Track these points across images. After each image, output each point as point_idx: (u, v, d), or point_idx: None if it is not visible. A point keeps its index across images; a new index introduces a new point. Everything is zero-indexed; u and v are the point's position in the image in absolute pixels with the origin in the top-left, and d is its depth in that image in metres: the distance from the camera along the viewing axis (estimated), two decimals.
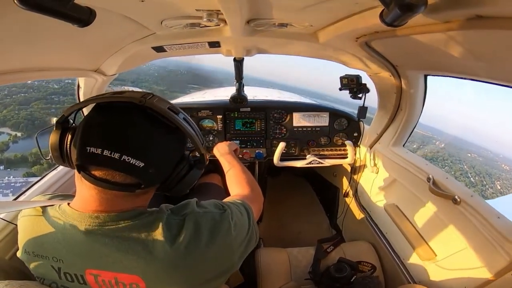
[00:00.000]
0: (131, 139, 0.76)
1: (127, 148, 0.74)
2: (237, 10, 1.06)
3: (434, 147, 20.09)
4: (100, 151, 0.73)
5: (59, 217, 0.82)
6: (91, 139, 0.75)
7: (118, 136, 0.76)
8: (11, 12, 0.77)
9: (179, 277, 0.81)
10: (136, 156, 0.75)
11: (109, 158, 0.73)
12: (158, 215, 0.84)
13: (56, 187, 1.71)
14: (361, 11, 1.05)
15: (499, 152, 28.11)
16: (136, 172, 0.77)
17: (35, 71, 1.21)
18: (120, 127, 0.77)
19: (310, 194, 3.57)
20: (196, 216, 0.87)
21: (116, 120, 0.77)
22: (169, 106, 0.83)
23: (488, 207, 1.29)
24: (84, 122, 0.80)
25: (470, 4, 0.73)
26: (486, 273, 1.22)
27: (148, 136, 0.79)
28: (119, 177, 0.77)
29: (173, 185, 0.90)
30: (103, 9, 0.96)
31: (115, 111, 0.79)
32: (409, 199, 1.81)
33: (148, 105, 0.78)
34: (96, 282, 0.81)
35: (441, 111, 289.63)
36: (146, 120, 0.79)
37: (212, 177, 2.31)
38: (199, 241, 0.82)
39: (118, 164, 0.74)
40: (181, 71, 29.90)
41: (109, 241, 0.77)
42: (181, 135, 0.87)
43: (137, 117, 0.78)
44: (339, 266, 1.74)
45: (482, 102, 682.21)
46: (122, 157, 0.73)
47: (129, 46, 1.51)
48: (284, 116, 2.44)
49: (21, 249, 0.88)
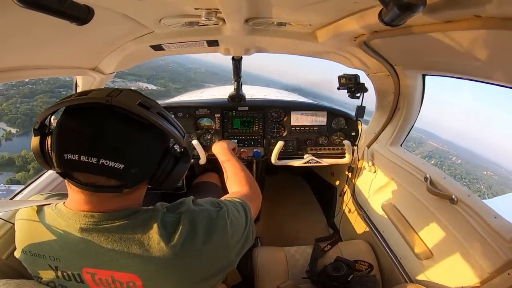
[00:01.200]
0: (105, 142, 0.73)
1: (103, 151, 0.72)
2: (236, 9, 1.06)
3: (451, 163, 20.04)
4: (77, 157, 0.71)
5: (55, 216, 0.82)
6: (66, 145, 0.73)
7: (92, 140, 0.72)
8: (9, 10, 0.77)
9: (175, 275, 0.81)
10: (114, 158, 0.72)
11: (88, 163, 0.71)
12: (153, 213, 0.84)
13: (53, 187, 1.71)
14: (360, 11, 1.06)
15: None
16: (118, 174, 0.75)
17: (33, 69, 1.21)
18: (92, 131, 0.73)
19: (308, 193, 3.58)
20: (192, 214, 0.87)
21: (86, 123, 0.73)
22: (140, 101, 0.77)
23: (485, 206, 1.30)
24: (57, 128, 0.76)
25: (469, 4, 0.74)
26: (482, 272, 1.23)
27: (122, 136, 0.75)
28: (102, 180, 0.75)
29: (161, 180, 0.87)
30: (102, 7, 0.96)
31: (85, 114, 0.75)
32: (407, 198, 1.82)
33: (115, 104, 0.73)
34: (93, 281, 0.81)
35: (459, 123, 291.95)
36: (117, 119, 0.75)
37: (210, 176, 2.31)
38: (195, 238, 0.82)
39: (98, 168, 0.72)
40: (200, 69, 29.54)
41: (104, 240, 0.78)
42: (158, 130, 0.81)
43: (107, 117, 0.74)
44: (336, 265, 1.74)
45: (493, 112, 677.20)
46: (100, 161, 0.71)
47: (127, 44, 1.51)
48: (282, 115, 2.44)
49: (18, 249, 0.88)
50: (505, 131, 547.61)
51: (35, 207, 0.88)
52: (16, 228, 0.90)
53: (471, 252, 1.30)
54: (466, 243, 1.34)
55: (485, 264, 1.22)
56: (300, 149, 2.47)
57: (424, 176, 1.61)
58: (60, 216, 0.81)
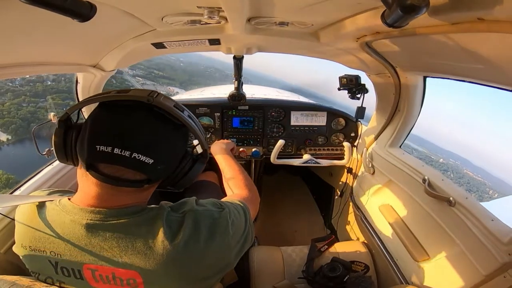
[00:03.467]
0: (141, 137, 0.78)
1: (137, 146, 0.76)
2: (239, 8, 1.06)
3: (488, 196, 19.78)
4: (110, 150, 0.74)
5: (59, 211, 0.82)
6: (101, 137, 0.76)
7: (128, 134, 0.77)
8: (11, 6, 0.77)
9: (176, 273, 0.81)
10: (146, 153, 0.77)
11: (120, 156, 0.74)
12: (158, 211, 0.85)
13: (52, 182, 1.70)
14: (363, 12, 1.06)
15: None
16: (146, 169, 0.79)
17: (34, 66, 1.21)
18: (129, 125, 0.78)
19: (306, 193, 3.59)
20: (196, 213, 0.88)
21: (124, 118, 0.79)
22: (174, 104, 0.85)
23: (482, 209, 1.30)
24: (91, 121, 0.81)
25: (472, 7, 0.73)
26: (478, 275, 1.23)
27: (156, 133, 0.81)
28: (129, 174, 0.78)
29: (178, 179, 0.93)
30: (104, 4, 0.96)
31: (123, 109, 0.79)
32: (404, 200, 1.82)
33: (156, 104, 0.79)
34: (93, 277, 0.82)
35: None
36: (154, 118, 0.81)
37: (208, 175, 2.31)
38: (198, 238, 0.83)
39: (129, 161, 0.76)
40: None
41: (110, 236, 0.78)
42: (185, 131, 0.90)
43: (145, 115, 0.80)
44: (332, 265, 1.75)
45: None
46: (133, 154, 0.75)
47: (128, 42, 1.51)
48: (281, 115, 2.45)
49: (17, 243, 0.88)
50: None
51: (37, 202, 0.88)
52: (16, 222, 0.90)
53: (467, 254, 1.31)
54: (462, 245, 1.34)
55: (481, 266, 1.23)
56: (299, 149, 2.48)
57: (423, 178, 1.61)
58: (64, 211, 0.81)
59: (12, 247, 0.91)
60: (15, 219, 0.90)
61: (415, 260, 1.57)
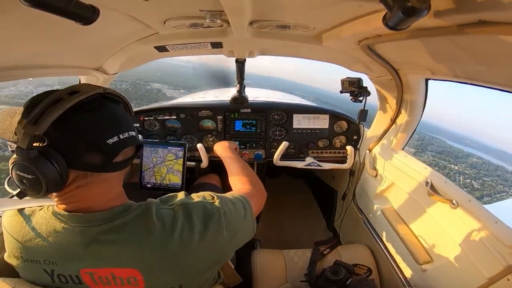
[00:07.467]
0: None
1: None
2: (241, 11, 1.07)
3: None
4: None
5: (49, 219, 0.81)
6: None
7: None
8: (14, 9, 0.77)
9: (174, 266, 0.82)
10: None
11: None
12: (147, 206, 0.86)
13: None
14: (364, 15, 1.06)
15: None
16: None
17: (37, 69, 1.21)
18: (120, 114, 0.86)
19: (308, 196, 3.57)
20: (187, 206, 0.89)
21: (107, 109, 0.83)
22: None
23: (485, 212, 1.29)
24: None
25: (474, 9, 0.73)
26: (482, 278, 1.22)
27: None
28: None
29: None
30: (107, 8, 0.96)
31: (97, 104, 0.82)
32: (407, 202, 1.82)
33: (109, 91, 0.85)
34: (93, 280, 0.81)
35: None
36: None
37: (210, 177, 2.31)
38: (192, 230, 0.84)
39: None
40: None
41: (104, 238, 0.78)
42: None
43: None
44: (335, 268, 1.73)
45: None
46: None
47: (131, 45, 1.52)
48: (284, 118, 2.45)
49: (9, 252, 0.87)
50: None
51: (27, 208, 0.87)
52: (3, 231, 0.88)
53: (470, 257, 1.30)
54: (465, 248, 1.33)
55: (485, 269, 1.22)
56: (302, 152, 2.47)
57: (425, 181, 1.60)
58: (56, 218, 0.81)
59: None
60: (3, 226, 0.89)
61: (418, 263, 1.56)
